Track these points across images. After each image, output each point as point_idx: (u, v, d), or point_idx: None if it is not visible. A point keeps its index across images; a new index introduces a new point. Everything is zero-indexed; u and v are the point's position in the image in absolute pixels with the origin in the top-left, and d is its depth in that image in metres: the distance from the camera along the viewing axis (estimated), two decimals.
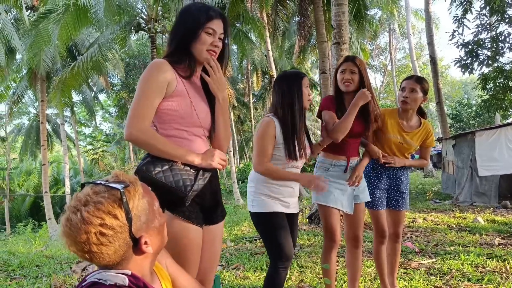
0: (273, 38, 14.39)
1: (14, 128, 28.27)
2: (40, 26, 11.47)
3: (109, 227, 0.96)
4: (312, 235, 5.66)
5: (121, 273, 1.01)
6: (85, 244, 0.96)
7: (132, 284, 1.00)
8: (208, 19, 1.69)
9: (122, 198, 0.99)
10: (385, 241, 2.94)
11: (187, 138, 1.69)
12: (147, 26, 13.94)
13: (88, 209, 0.96)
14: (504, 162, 8.62)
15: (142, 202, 1.05)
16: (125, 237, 1.00)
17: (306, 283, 3.49)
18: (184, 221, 1.63)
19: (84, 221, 0.95)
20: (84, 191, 1.02)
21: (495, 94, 10.24)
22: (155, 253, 1.12)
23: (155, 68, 1.62)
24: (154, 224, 1.09)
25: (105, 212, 0.96)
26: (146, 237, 1.05)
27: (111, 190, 1.01)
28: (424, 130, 2.91)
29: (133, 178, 1.09)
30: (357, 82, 2.57)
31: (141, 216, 1.04)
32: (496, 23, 9.74)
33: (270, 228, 2.30)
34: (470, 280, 3.37)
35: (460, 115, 26.14)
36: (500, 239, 5.01)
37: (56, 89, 13.09)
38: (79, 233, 0.95)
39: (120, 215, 0.98)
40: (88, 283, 0.99)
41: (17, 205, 24.05)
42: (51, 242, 11.07)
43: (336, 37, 6.01)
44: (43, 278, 4.17)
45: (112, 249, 0.98)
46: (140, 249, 1.04)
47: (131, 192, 1.03)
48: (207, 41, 1.70)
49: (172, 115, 1.65)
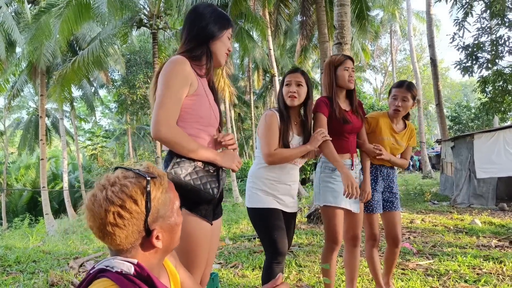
0: (275, 36, 14.39)
1: (13, 122, 28.20)
2: (41, 20, 11.43)
3: (128, 210, 1.00)
4: (310, 234, 5.67)
5: (128, 261, 1.04)
6: (102, 221, 1.00)
7: (137, 273, 1.03)
8: (230, 25, 1.80)
9: (147, 186, 1.03)
10: (376, 244, 2.97)
11: (204, 138, 1.71)
12: (149, 22, 13.91)
13: (113, 189, 1.01)
14: (502, 165, 8.64)
15: (164, 196, 1.09)
16: (140, 225, 1.03)
17: (304, 282, 3.50)
18: (200, 219, 1.66)
19: (107, 199, 1.00)
20: (115, 173, 1.08)
21: (494, 97, 10.27)
22: (164, 250, 1.13)
23: (181, 64, 1.62)
24: (170, 221, 1.11)
25: (127, 195, 1.01)
26: (159, 231, 1.08)
27: (139, 177, 1.06)
28: (409, 130, 3.03)
29: (161, 172, 1.13)
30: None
31: (159, 209, 1.07)
32: (496, 27, 9.77)
33: (265, 224, 2.34)
34: (467, 282, 3.38)
35: (459, 117, 26.17)
36: (497, 241, 5.03)
37: (56, 83, 13.04)
38: (100, 210, 1.00)
39: (140, 201, 1.02)
40: (96, 270, 1.03)
41: (14, 200, 24.04)
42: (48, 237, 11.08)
43: (338, 37, 6.01)
44: (40, 274, 4.17)
45: (125, 233, 1.01)
46: (151, 242, 1.06)
47: (156, 184, 1.07)
48: (227, 44, 1.80)
49: (192, 114, 1.66)
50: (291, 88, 2.40)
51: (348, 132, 2.63)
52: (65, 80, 12.81)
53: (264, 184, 2.37)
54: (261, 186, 2.37)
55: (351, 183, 2.37)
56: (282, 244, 2.28)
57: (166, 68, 1.61)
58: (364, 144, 2.84)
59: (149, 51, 19.09)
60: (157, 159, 14.01)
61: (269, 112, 2.41)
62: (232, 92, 17.45)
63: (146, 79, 18.67)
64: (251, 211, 2.42)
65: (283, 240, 2.30)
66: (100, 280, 1.00)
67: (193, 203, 1.64)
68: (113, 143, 32.51)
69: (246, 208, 2.46)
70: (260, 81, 23.20)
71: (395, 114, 2.89)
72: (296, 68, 2.56)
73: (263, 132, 2.37)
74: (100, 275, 1.01)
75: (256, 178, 2.41)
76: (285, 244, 2.31)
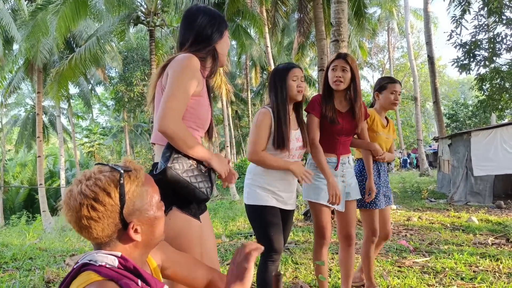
0: (272, 34, 14.36)
1: (10, 119, 28.09)
2: (38, 17, 11.34)
3: (101, 202, 1.01)
4: (307, 232, 5.68)
5: (112, 254, 1.05)
6: (77, 214, 1.01)
7: (122, 265, 1.05)
8: (227, 26, 1.85)
9: (120, 179, 1.05)
10: (375, 240, 2.99)
11: (196, 138, 1.71)
12: (146, 20, 13.86)
13: (88, 183, 1.03)
14: (499, 162, 8.67)
15: (139, 189, 1.09)
16: (115, 218, 1.04)
17: (300, 280, 3.50)
18: (190, 217, 1.66)
19: (81, 192, 1.02)
20: (92, 168, 1.11)
21: (491, 94, 10.29)
22: (145, 245, 1.14)
23: (195, 61, 1.63)
24: (149, 214, 1.11)
25: (101, 188, 1.02)
26: (137, 224, 1.08)
27: (113, 171, 1.07)
28: (391, 124, 3.12)
29: (138, 166, 1.13)
30: (348, 80, 2.55)
31: (135, 202, 1.07)
32: (494, 24, 9.76)
33: (262, 222, 2.33)
34: (463, 279, 3.39)
35: (457, 115, 26.24)
36: (494, 239, 5.04)
37: (53, 80, 12.99)
38: (75, 203, 1.02)
39: (114, 194, 1.03)
40: (79, 265, 1.04)
41: (11, 197, 23.97)
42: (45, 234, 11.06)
43: (335, 35, 6.01)
44: (36, 271, 4.16)
45: (101, 226, 1.02)
46: (129, 234, 1.07)
47: (131, 177, 1.08)
48: (228, 44, 1.86)
49: (191, 114, 1.67)
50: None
51: (338, 133, 2.60)
52: (62, 77, 12.76)
53: (263, 180, 2.36)
54: (260, 182, 2.36)
55: (335, 193, 2.43)
56: (277, 242, 2.28)
57: (181, 62, 1.61)
58: (371, 144, 2.84)
59: (146, 48, 19.03)
60: (154, 156, 13.98)
61: (262, 110, 2.39)
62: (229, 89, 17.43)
63: (143, 77, 18.61)
64: (248, 208, 2.42)
65: (279, 238, 2.30)
66: (84, 273, 1.01)
67: (185, 201, 1.64)
68: (110, 140, 32.47)
69: (244, 204, 2.46)
70: (257, 79, 23.19)
71: (394, 107, 2.98)
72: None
73: (253, 129, 2.38)
74: (83, 269, 1.02)
75: (254, 175, 2.40)
76: (281, 242, 2.31)
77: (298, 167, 2.35)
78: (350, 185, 2.71)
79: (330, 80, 2.59)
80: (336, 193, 2.44)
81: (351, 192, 2.72)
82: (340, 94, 2.62)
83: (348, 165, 2.72)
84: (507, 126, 8.91)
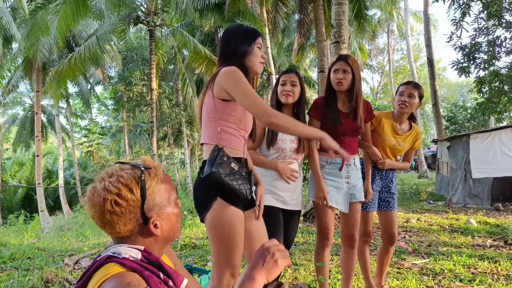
0: (272, 35, 14.35)
1: (9, 118, 28.01)
2: (38, 16, 11.33)
3: (124, 198, 1.07)
4: (306, 233, 5.68)
5: (135, 247, 1.11)
6: (101, 210, 1.07)
7: (145, 258, 1.10)
8: (257, 36, 2.01)
9: (141, 176, 1.11)
10: (369, 240, 3.03)
11: (238, 137, 1.96)
12: (146, 19, 13.85)
13: (111, 179, 1.09)
14: (498, 165, 8.69)
15: (159, 186, 1.15)
16: (137, 213, 1.10)
17: (300, 281, 3.50)
18: (235, 207, 1.87)
19: (105, 188, 1.08)
20: (113, 166, 1.17)
21: (490, 97, 10.29)
22: (163, 240, 1.19)
23: (237, 70, 1.84)
24: (167, 210, 1.17)
25: (123, 184, 1.08)
26: (157, 219, 1.14)
27: (134, 168, 1.14)
28: (414, 133, 3.01)
29: (157, 165, 1.19)
30: (349, 81, 2.58)
31: (155, 198, 1.14)
32: (493, 27, 9.78)
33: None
34: (462, 281, 3.39)
35: (456, 117, 26.23)
36: (492, 241, 5.05)
37: (53, 80, 12.96)
38: (99, 199, 1.07)
39: (135, 190, 1.09)
40: (103, 257, 1.08)
41: (9, 196, 23.89)
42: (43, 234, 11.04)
43: (336, 36, 6.01)
44: (35, 271, 4.15)
45: (123, 220, 1.08)
46: (149, 229, 1.12)
47: (151, 174, 1.15)
48: (259, 53, 2.01)
49: (232, 115, 1.92)
50: (286, 87, 2.52)
51: (341, 134, 2.60)
52: (61, 77, 12.74)
53: (263, 179, 2.36)
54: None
55: (322, 197, 2.53)
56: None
57: (231, 74, 1.83)
58: (369, 147, 2.85)
59: (146, 48, 18.99)
60: (153, 156, 13.95)
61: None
62: None
63: (143, 76, 18.54)
64: None
65: (277, 237, 2.31)
66: (106, 265, 1.05)
67: (229, 198, 1.85)
68: (109, 140, 32.37)
69: None
70: (257, 79, 23.16)
71: (401, 110, 2.87)
72: (291, 69, 2.68)
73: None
74: (108, 261, 1.06)
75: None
76: (280, 241, 2.31)
77: (283, 166, 2.44)
78: (356, 187, 2.71)
79: (332, 82, 2.62)
80: (322, 198, 2.54)
81: (356, 194, 2.72)
82: (343, 95, 2.64)
83: (354, 166, 2.72)
84: (505, 129, 8.93)
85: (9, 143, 30.34)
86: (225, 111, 1.89)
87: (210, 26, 16.09)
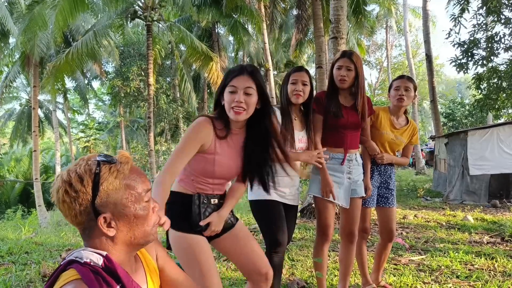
0: (270, 30, 14.31)
1: (5, 113, 27.90)
2: (35, 11, 11.25)
3: (73, 188, 1.02)
4: (303, 229, 5.68)
5: (98, 252, 1.05)
6: (57, 196, 1.04)
7: (105, 265, 1.03)
8: (232, 77, 1.80)
9: (96, 168, 1.04)
10: (366, 236, 3.04)
11: (207, 181, 1.91)
12: (143, 14, 13.78)
13: (70, 168, 1.06)
14: (495, 162, 8.70)
15: (117, 182, 1.06)
16: (87, 206, 1.03)
17: (297, 276, 3.50)
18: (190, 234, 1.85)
19: (61, 176, 1.05)
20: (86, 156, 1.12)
21: (488, 94, 10.30)
22: (125, 243, 1.11)
23: (196, 129, 1.80)
24: (125, 211, 1.08)
25: (77, 174, 1.03)
26: (111, 218, 1.06)
27: (96, 160, 1.08)
28: (411, 127, 3.02)
29: (125, 160, 1.10)
30: (352, 79, 2.58)
31: (110, 194, 1.05)
32: (492, 24, 9.78)
33: (264, 215, 2.42)
34: (458, 277, 3.41)
35: (454, 114, 26.29)
36: (489, 238, 5.07)
37: (50, 75, 12.88)
38: (56, 186, 1.05)
39: (86, 182, 1.02)
40: (66, 261, 1.04)
41: (7, 191, 23.80)
42: (41, 229, 11.00)
43: (334, 32, 5.99)
44: (32, 265, 4.15)
45: (73, 212, 1.03)
46: (99, 226, 1.05)
47: (111, 169, 1.06)
48: (229, 99, 1.78)
49: (197, 167, 1.87)
50: (297, 87, 2.48)
51: (343, 127, 2.61)
52: (59, 72, 12.67)
53: None
54: None
55: (329, 190, 2.57)
56: (280, 234, 2.34)
57: (189, 128, 1.83)
58: (367, 141, 2.85)
59: (143, 43, 18.90)
60: (150, 152, 13.94)
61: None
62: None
63: (140, 72, 18.45)
64: (252, 204, 2.50)
65: (281, 231, 2.36)
66: (67, 272, 1.01)
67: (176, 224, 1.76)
68: (106, 135, 32.29)
69: (248, 201, 2.53)
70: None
71: (400, 104, 2.88)
72: (301, 67, 2.62)
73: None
74: (69, 266, 1.02)
75: None
76: (283, 235, 2.36)
77: (307, 155, 2.46)
78: (357, 182, 2.72)
79: (335, 79, 2.62)
80: (327, 192, 2.57)
81: (357, 189, 2.72)
82: (345, 90, 2.66)
83: (355, 162, 2.72)
84: (503, 125, 8.94)
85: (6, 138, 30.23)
86: (192, 159, 1.87)
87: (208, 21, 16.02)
